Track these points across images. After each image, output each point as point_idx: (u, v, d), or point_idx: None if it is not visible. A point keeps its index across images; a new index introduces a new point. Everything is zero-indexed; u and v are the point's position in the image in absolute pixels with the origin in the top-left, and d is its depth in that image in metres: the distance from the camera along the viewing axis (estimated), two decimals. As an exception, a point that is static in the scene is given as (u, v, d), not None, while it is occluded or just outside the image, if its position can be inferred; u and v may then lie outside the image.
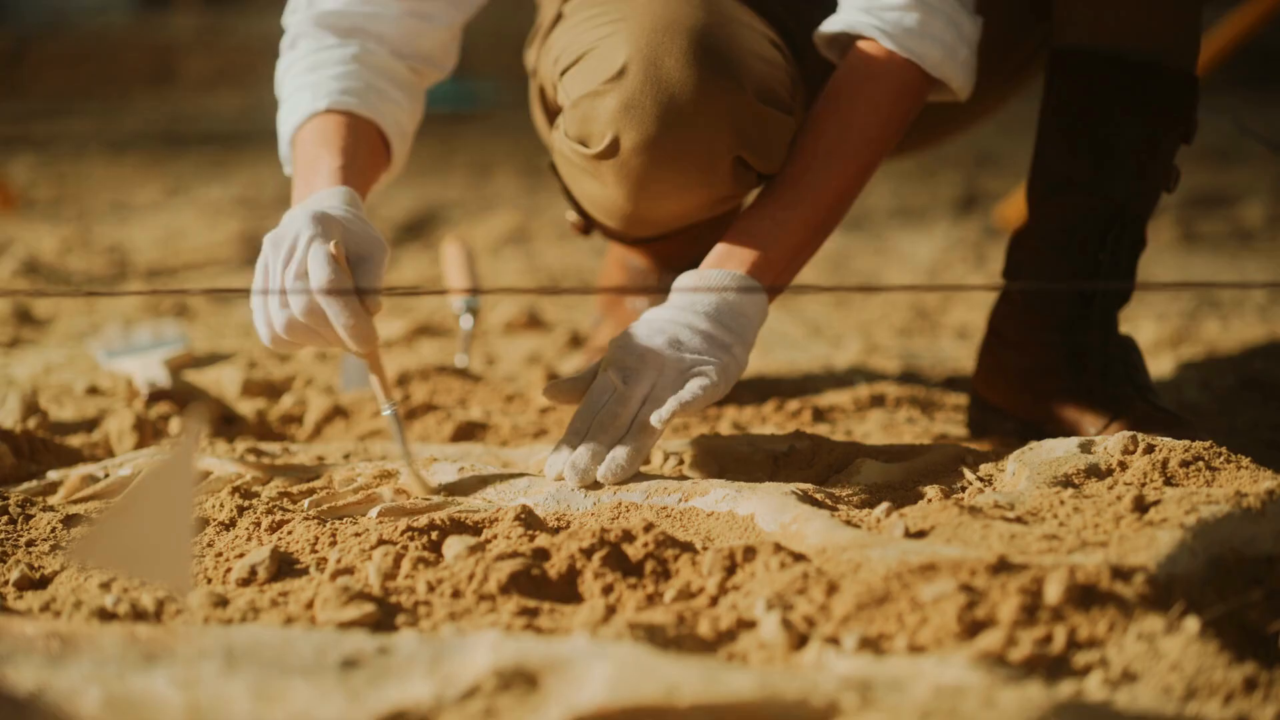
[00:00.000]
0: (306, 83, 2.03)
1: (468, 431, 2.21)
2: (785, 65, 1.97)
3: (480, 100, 7.70)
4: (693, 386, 1.75)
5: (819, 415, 2.35)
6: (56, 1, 11.39)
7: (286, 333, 1.73)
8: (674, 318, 1.82)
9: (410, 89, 2.09)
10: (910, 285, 1.68)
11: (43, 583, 1.56)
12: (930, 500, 1.67)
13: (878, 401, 2.44)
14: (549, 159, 2.07)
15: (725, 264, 1.86)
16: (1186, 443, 1.68)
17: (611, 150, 1.89)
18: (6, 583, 1.56)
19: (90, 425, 2.27)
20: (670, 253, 2.37)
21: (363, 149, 1.98)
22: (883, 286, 1.38)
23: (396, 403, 1.79)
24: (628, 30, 1.88)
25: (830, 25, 1.97)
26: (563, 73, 1.95)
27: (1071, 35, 2.05)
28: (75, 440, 2.15)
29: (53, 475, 1.93)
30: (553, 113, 2.09)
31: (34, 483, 1.90)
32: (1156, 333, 3.07)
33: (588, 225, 2.23)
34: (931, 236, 4.48)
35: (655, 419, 1.73)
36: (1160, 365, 2.83)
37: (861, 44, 1.94)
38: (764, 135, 1.91)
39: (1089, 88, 2.04)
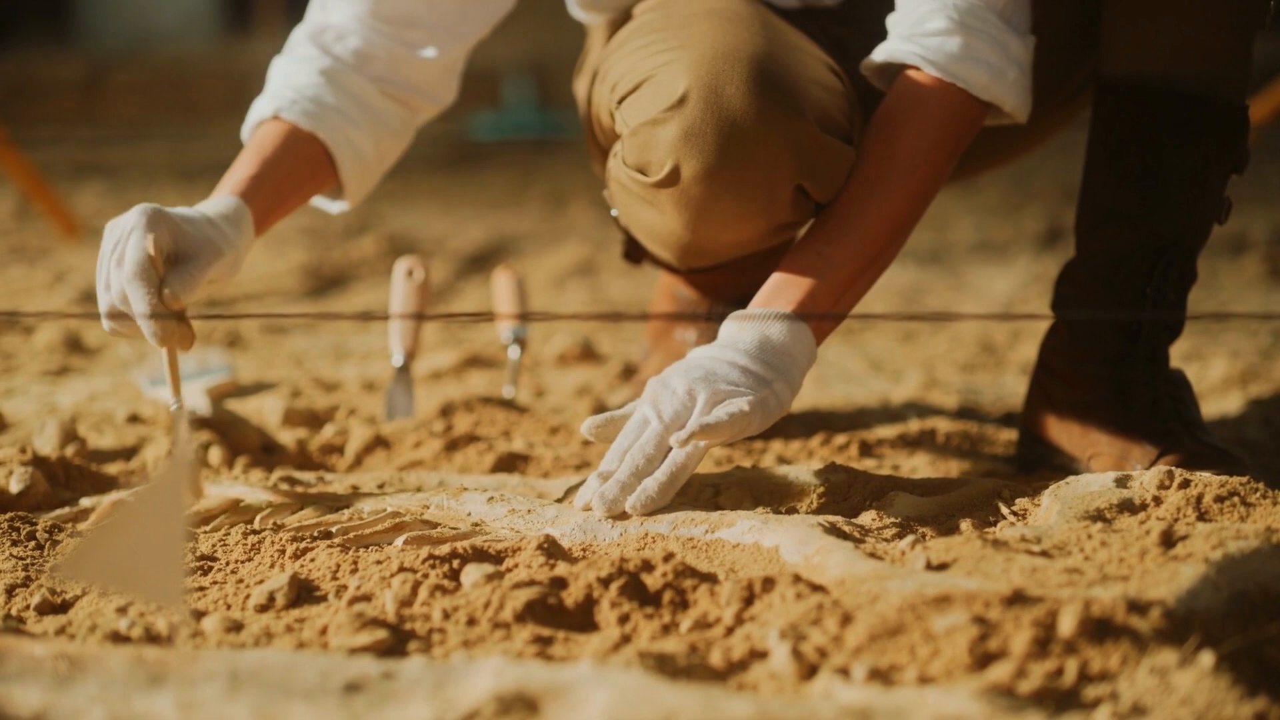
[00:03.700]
0: (273, 90, 2.08)
1: (509, 463, 2.20)
2: (844, 92, 1.96)
3: (563, 129, 7.74)
4: (719, 411, 1.73)
5: (866, 450, 2.32)
6: (137, 24, 11.48)
7: (108, 318, 1.81)
8: (715, 354, 1.80)
9: (380, 114, 2.11)
10: (957, 315, 1.67)
11: (63, 607, 1.56)
12: (960, 533, 1.65)
13: (928, 437, 2.41)
14: (604, 189, 2.07)
15: (772, 302, 1.84)
16: (1223, 478, 1.65)
17: (672, 179, 1.88)
18: (28, 606, 1.56)
19: (129, 453, 2.28)
20: (719, 283, 2.35)
21: (290, 163, 2.02)
22: (931, 315, 1.36)
23: (180, 402, 1.83)
24: (688, 58, 1.88)
25: (875, 56, 1.95)
26: (620, 100, 1.94)
27: (1119, 64, 2.02)
28: (113, 468, 2.16)
29: (86, 502, 1.93)
30: (607, 141, 2.09)
31: (66, 509, 1.91)
32: (1227, 370, 3.02)
33: (638, 254, 2.22)
34: (1010, 271, 4.43)
35: (674, 440, 1.72)
36: (1227, 402, 2.79)
37: (907, 73, 1.92)
38: (825, 164, 1.89)
39: (1137, 117, 2.01)
